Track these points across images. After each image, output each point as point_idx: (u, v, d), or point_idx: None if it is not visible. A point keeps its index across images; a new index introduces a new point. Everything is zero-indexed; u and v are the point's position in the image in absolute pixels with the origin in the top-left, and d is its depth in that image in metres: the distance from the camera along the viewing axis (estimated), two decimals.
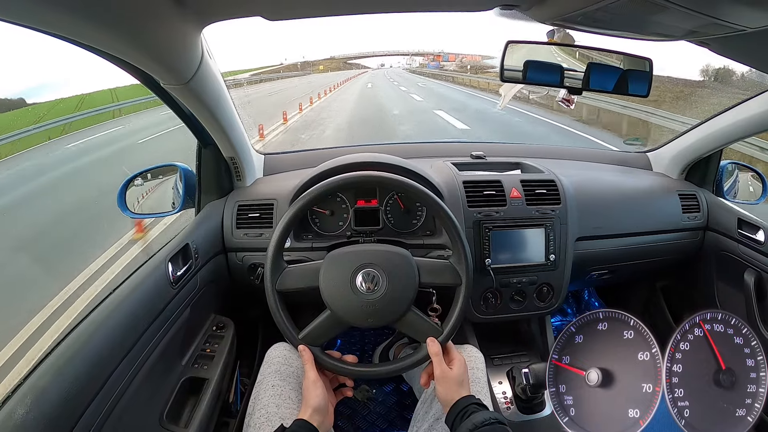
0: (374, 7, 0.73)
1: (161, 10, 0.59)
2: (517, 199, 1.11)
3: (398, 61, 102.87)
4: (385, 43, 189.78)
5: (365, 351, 1.60)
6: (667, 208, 1.29)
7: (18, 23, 0.51)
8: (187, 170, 1.16)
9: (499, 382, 1.13)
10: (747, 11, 0.51)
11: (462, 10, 0.73)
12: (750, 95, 1.09)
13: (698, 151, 1.31)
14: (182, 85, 0.79)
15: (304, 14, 0.69)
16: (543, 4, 0.63)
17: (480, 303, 1.11)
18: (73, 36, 0.59)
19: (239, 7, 0.65)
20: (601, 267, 1.28)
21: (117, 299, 0.77)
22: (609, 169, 1.44)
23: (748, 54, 0.71)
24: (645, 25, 0.64)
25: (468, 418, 0.68)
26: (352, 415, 1.35)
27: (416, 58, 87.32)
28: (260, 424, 0.75)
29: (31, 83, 20.63)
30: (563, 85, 0.88)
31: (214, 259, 1.08)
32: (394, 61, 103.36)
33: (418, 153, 1.41)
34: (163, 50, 0.68)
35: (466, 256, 0.83)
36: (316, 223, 1.13)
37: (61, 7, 0.49)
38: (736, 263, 1.22)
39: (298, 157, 1.41)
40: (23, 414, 0.55)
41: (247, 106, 11.10)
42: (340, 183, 0.85)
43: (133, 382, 0.75)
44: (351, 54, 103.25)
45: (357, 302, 0.79)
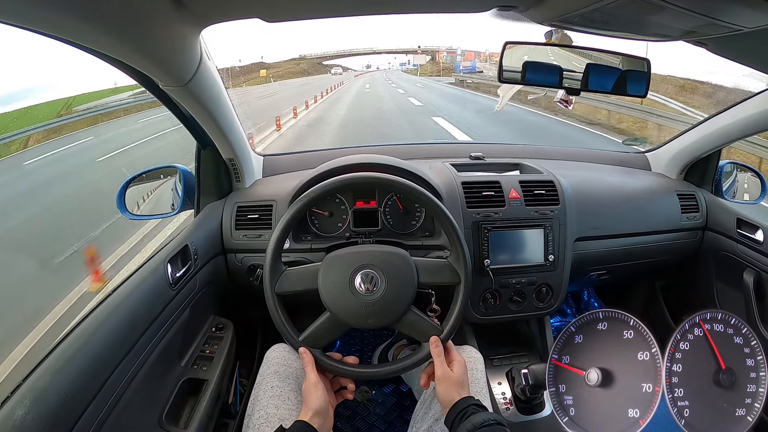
0: (373, 9, 0.73)
1: (160, 12, 0.59)
2: (516, 199, 1.11)
3: (389, 61, 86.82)
4: (367, 40, 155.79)
5: (365, 352, 1.59)
6: (666, 209, 1.29)
7: (16, 25, 0.51)
8: (186, 172, 1.16)
9: (498, 382, 1.13)
10: (744, 11, 0.51)
11: (460, 11, 0.74)
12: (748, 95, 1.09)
13: (697, 151, 1.31)
14: (181, 87, 0.79)
15: (302, 16, 0.70)
16: (540, 5, 0.63)
17: (479, 304, 1.11)
18: (72, 38, 0.59)
19: (238, 9, 0.65)
20: (600, 267, 1.28)
21: (116, 300, 0.77)
22: (608, 170, 1.44)
23: (745, 54, 0.72)
24: (642, 26, 0.64)
25: (467, 419, 0.68)
26: (351, 417, 1.35)
27: (409, 57, 70.90)
28: (259, 425, 0.75)
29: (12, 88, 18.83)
30: (562, 85, 0.89)
31: (213, 261, 1.08)
32: (383, 62, 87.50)
33: (416, 154, 1.41)
34: (162, 52, 0.68)
35: (464, 255, 0.83)
36: (315, 224, 1.13)
37: (60, 9, 0.49)
38: (736, 263, 1.22)
39: (297, 159, 1.42)
40: (22, 415, 0.55)
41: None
42: (339, 184, 0.85)
43: (133, 383, 0.75)
44: (327, 53, 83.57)
45: (356, 303, 0.79)
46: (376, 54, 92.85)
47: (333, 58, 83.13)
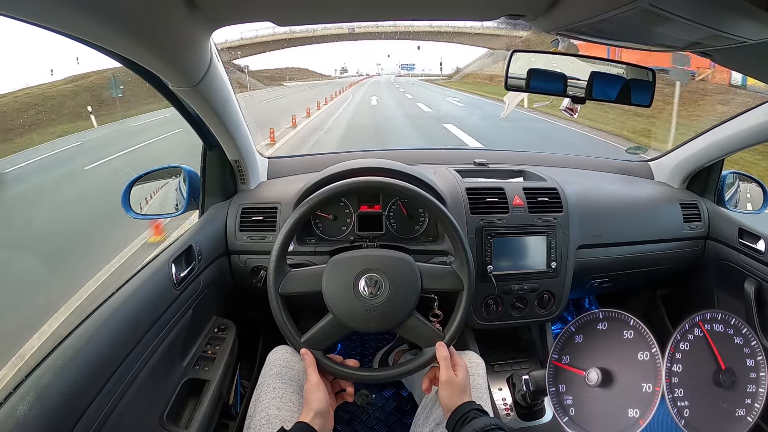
0: (382, 14, 0.74)
1: (173, 13, 0.60)
2: (520, 206, 1.12)
3: (378, 63, 65.93)
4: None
5: (365, 356, 1.59)
6: (668, 217, 1.29)
7: (31, 22, 0.52)
8: (191, 172, 1.17)
9: (499, 388, 1.13)
10: (748, 24, 0.52)
11: (469, 18, 0.74)
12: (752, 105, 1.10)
13: (700, 160, 1.31)
14: (191, 88, 0.80)
15: (313, 20, 0.71)
16: (549, 14, 0.64)
17: (481, 309, 1.11)
18: (85, 36, 0.59)
19: (249, 12, 0.66)
20: (602, 275, 1.28)
21: (120, 299, 0.77)
22: (611, 178, 1.45)
23: (751, 65, 0.72)
24: (648, 36, 0.65)
25: (469, 423, 0.68)
26: (351, 420, 1.35)
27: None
28: (260, 426, 0.75)
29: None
30: (567, 94, 0.90)
31: (217, 262, 1.08)
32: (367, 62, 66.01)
33: (421, 159, 1.41)
34: (174, 53, 0.69)
35: (468, 261, 0.83)
36: (319, 227, 1.13)
37: (74, 7, 0.50)
38: (737, 272, 1.22)
39: (302, 162, 1.42)
40: (25, 411, 0.55)
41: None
42: (344, 188, 0.85)
43: (135, 382, 0.75)
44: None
45: (359, 307, 0.79)
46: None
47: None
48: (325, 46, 53.01)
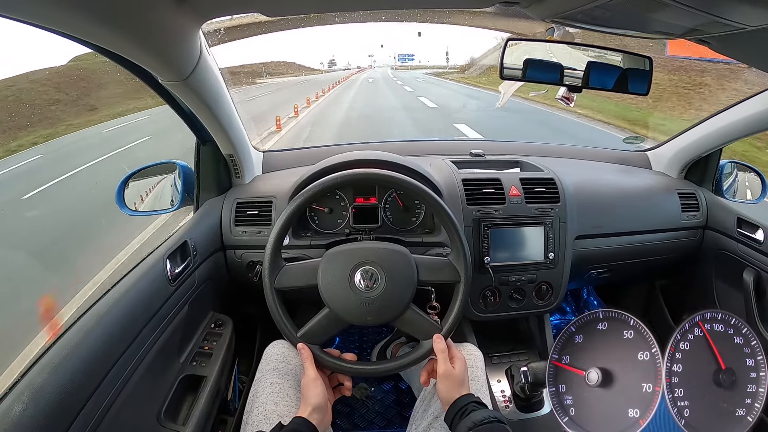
0: (374, 3, 0.73)
1: (160, 5, 0.59)
2: (517, 197, 1.11)
3: (370, 54, 58.98)
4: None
5: (363, 350, 1.60)
6: (666, 207, 1.29)
7: (15, 18, 0.51)
8: (185, 167, 1.16)
9: (497, 380, 1.13)
10: (747, 9, 0.51)
11: (462, 6, 0.73)
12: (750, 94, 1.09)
13: (698, 150, 1.31)
14: (181, 82, 0.78)
15: (301, 10, 0.69)
16: (542, 1, 0.63)
17: (479, 301, 1.11)
18: (70, 31, 0.58)
19: (238, 3, 0.65)
20: (600, 265, 1.28)
21: (114, 296, 0.77)
22: (608, 168, 1.44)
23: (749, 52, 0.71)
24: (645, 23, 0.64)
25: (467, 416, 0.68)
26: (350, 414, 1.35)
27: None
28: (258, 422, 0.75)
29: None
30: (563, 83, 0.88)
31: (212, 257, 1.07)
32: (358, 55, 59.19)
33: (417, 151, 1.40)
34: (162, 46, 0.68)
35: (465, 253, 0.83)
36: (314, 220, 1.13)
37: (59, 2, 0.49)
38: (735, 262, 1.22)
39: (297, 155, 1.41)
40: (20, 411, 0.55)
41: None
42: (339, 180, 0.85)
43: (131, 379, 0.74)
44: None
45: (355, 300, 0.79)
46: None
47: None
48: (312, 38, 51.41)
